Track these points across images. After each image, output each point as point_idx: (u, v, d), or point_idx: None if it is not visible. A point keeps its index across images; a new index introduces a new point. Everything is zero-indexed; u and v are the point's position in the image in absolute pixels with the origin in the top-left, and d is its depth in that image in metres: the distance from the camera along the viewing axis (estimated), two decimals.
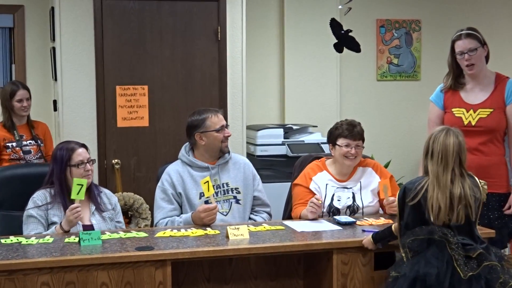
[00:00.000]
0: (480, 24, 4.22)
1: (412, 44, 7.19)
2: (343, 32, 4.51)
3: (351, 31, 4.53)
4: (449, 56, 4.28)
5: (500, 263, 3.35)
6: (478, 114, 4.13)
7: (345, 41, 4.56)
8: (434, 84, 7.07)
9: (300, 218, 4.17)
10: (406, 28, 7.17)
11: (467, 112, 4.17)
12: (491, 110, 4.13)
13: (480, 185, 3.44)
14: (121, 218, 4.15)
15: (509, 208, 4.15)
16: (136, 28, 5.57)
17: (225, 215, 4.22)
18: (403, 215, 3.44)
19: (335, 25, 4.46)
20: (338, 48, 4.68)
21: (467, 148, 3.42)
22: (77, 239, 3.54)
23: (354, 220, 4.02)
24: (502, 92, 4.16)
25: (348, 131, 4.26)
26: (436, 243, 3.31)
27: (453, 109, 4.25)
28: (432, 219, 3.33)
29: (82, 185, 3.79)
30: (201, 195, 4.18)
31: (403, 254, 3.36)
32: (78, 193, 3.78)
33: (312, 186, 4.27)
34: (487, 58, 4.23)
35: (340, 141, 4.27)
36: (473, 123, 4.13)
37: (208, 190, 3.95)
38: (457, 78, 4.27)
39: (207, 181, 3.96)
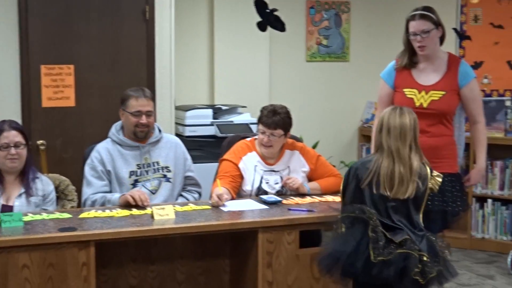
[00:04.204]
0: (408, 7, 4.23)
1: (341, 26, 7.24)
2: (268, 11, 4.50)
3: (276, 10, 4.52)
4: (404, 34, 4.18)
5: (430, 253, 3.34)
6: (430, 96, 4.08)
7: (269, 20, 4.55)
8: (363, 65, 7.24)
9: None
10: (336, 9, 7.22)
11: (419, 93, 4.11)
12: (444, 92, 4.09)
13: (428, 176, 3.47)
14: (51, 207, 4.07)
15: (468, 181, 4.25)
16: (62, 6, 5.44)
17: (154, 193, 4.21)
18: (346, 195, 3.51)
19: (259, 4, 4.44)
20: (262, 27, 4.68)
21: None
22: None
23: (280, 199, 4.04)
24: (455, 74, 4.14)
25: (266, 117, 4.20)
26: (364, 223, 3.37)
27: (404, 89, 4.17)
28: (388, 193, 3.37)
29: None
30: (131, 173, 4.18)
31: (342, 229, 3.43)
32: None
33: (241, 165, 4.26)
34: (442, 38, 4.18)
35: (259, 127, 4.25)
36: (424, 105, 4.07)
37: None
38: (411, 57, 4.20)
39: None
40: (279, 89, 6.91)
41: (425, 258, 3.30)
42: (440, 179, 3.51)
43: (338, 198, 4.13)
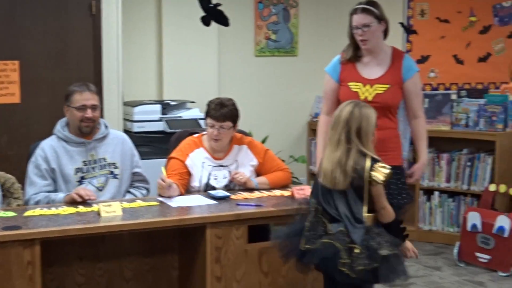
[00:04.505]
0: (356, 2, 4.24)
1: (290, 20, 7.27)
2: (211, 5, 4.49)
3: (220, 4, 4.53)
4: (348, 28, 4.17)
5: (368, 248, 3.25)
6: (374, 90, 4.09)
7: (213, 14, 4.55)
8: (311, 60, 7.27)
9: None
10: (284, 4, 7.24)
11: (364, 86, 4.11)
12: (388, 86, 4.10)
13: (366, 168, 3.44)
14: None
15: (411, 177, 4.25)
16: (6, 0, 5.36)
17: (101, 190, 4.17)
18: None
19: None
20: (206, 21, 4.67)
21: None
22: None
23: (228, 194, 4.04)
24: (399, 67, 4.15)
25: (214, 111, 4.19)
26: (310, 212, 3.42)
27: (349, 83, 4.17)
28: (320, 178, 3.40)
29: None
30: (77, 170, 4.13)
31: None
32: None
33: (188, 162, 4.24)
34: (386, 32, 4.19)
35: (208, 121, 4.24)
36: (369, 98, 4.07)
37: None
38: (355, 50, 4.19)
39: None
40: (228, 84, 6.91)
41: (356, 251, 3.23)
42: (386, 170, 3.44)
43: (286, 193, 4.16)
